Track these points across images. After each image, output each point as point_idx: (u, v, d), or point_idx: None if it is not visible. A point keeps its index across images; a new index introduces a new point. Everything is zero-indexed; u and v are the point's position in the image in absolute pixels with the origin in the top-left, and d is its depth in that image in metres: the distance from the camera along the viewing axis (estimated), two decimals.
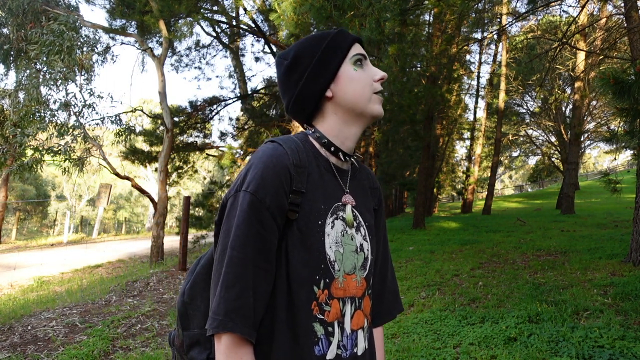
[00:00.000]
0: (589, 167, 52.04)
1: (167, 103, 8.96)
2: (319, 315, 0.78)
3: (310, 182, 0.82)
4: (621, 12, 7.10)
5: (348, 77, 0.87)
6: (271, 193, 0.76)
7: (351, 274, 0.83)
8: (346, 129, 0.89)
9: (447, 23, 9.62)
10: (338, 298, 0.80)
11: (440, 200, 39.53)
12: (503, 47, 17.33)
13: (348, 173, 0.91)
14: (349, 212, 0.86)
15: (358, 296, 0.84)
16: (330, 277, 0.79)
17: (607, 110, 19.79)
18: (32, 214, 32.76)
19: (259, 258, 0.75)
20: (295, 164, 0.80)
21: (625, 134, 4.60)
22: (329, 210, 0.82)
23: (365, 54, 0.91)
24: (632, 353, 2.60)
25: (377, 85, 0.89)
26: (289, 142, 0.84)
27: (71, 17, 7.45)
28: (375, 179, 1.03)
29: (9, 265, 8.22)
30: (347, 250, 0.83)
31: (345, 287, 0.82)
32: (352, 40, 0.90)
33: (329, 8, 5.89)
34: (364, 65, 0.89)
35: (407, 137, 14.24)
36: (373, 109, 0.88)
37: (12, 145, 7.54)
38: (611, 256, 5.49)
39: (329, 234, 0.81)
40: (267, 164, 0.78)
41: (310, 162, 0.85)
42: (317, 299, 0.78)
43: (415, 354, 2.95)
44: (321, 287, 0.79)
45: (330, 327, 0.79)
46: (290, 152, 0.81)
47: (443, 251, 7.13)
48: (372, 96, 0.88)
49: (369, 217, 0.92)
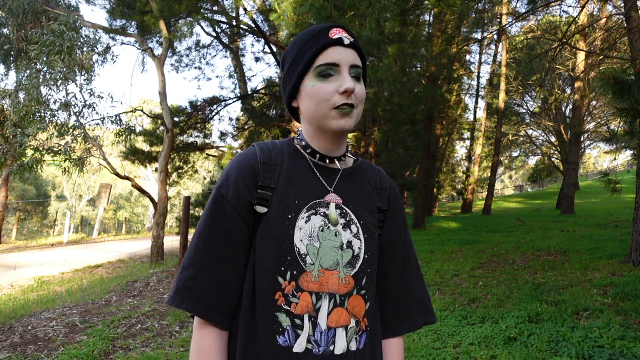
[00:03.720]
0: (589, 167, 52.04)
1: (167, 103, 8.96)
2: (285, 306, 0.79)
3: (282, 179, 0.86)
4: (621, 12, 7.10)
5: (305, 92, 0.85)
6: (233, 188, 0.83)
7: (332, 270, 0.82)
8: (316, 140, 0.89)
9: (447, 23, 9.63)
10: (310, 292, 0.80)
11: (440, 200, 39.52)
12: (503, 47, 17.34)
13: (338, 173, 0.91)
14: (332, 210, 0.85)
15: (340, 293, 0.82)
16: (298, 270, 0.80)
17: (607, 110, 19.80)
18: (32, 214, 32.76)
19: (222, 247, 0.81)
20: (262, 162, 0.86)
21: (625, 134, 4.60)
22: (304, 206, 0.83)
23: (336, 61, 0.83)
24: (632, 353, 2.60)
25: (337, 99, 0.82)
26: (266, 144, 0.91)
27: (71, 17, 7.45)
28: (386, 179, 1.00)
29: (9, 265, 8.22)
30: (326, 246, 0.83)
31: (322, 282, 0.81)
32: (322, 46, 0.83)
33: (329, 8, 5.89)
34: (332, 76, 0.83)
35: (407, 137, 14.25)
36: (331, 126, 0.84)
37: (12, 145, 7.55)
38: (611, 256, 5.49)
39: (301, 228, 0.82)
40: (233, 163, 0.87)
41: (285, 161, 0.88)
42: (282, 289, 0.79)
43: (415, 354, 2.95)
44: (287, 278, 0.79)
45: (298, 319, 0.79)
46: (260, 152, 0.87)
47: (443, 251, 7.14)
48: (331, 112, 0.83)
49: (366, 216, 0.90)
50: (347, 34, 0.85)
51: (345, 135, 0.91)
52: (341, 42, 0.84)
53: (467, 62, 18.92)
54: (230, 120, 31.86)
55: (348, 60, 0.84)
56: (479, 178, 24.05)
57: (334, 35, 0.84)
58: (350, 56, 0.84)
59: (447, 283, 4.99)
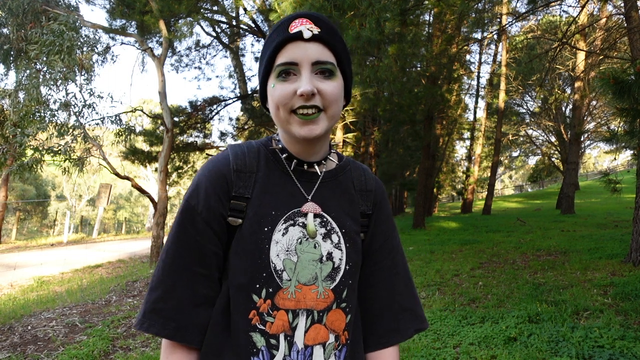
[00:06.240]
0: (589, 167, 52.05)
1: (167, 103, 8.96)
2: (260, 325, 0.74)
3: (258, 187, 0.78)
4: (621, 12, 7.10)
5: (268, 94, 0.78)
6: (204, 199, 0.76)
7: (310, 285, 0.77)
8: (290, 144, 0.82)
9: (447, 23, 9.63)
10: (287, 309, 0.75)
11: (440, 200, 39.55)
12: (503, 47, 17.34)
13: (318, 178, 0.83)
14: (310, 221, 0.79)
15: (318, 309, 0.77)
16: (274, 287, 0.75)
17: (607, 110, 19.80)
18: (32, 214, 32.76)
19: (194, 262, 0.75)
20: (236, 169, 0.78)
21: (625, 134, 4.60)
22: (281, 217, 0.77)
23: (294, 60, 0.73)
24: (632, 353, 2.60)
25: (296, 101, 0.73)
26: (240, 147, 0.82)
27: (71, 17, 7.45)
28: (372, 180, 0.93)
29: (9, 265, 8.23)
30: (304, 259, 0.77)
31: (299, 298, 0.76)
32: (279, 42, 0.74)
33: (329, 8, 5.89)
34: (293, 75, 0.74)
35: (407, 137, 14.26)
36: (294, 133, 0.75)
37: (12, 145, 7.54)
38: (611, 256, 5.49)
39: (278, 242, 0.76)
40: (204, 171, 0.79)
41: (262, 166, 0.81)
42: (257, 308, 0.75)
43: (415, 354, 2.94)
44: (262, 296, 0.75)
45: (273, 339, 0.75)
46: (233, 158, 0.79)
47: (443, 251, 7.14)
48: (291, 117, 0.75)
49: (349, 224, 0.83)
50: (312, 24, 0.74)
51: (323, 139, 0.82)
52: (301, 37, 0.73)
53: (467, 62, 18.92)
54: (230, 120, 31.91)
55: (309, 57, 0.73)
56: (479, 178, 24.05)
57: (293, 29, 0.73)
58: (312, 52, 0.73)
59: (447, 283, 4.99)
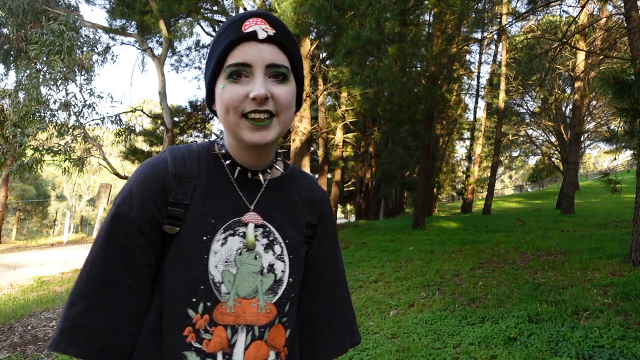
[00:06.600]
0: (589, 167, 52.07)
1: (167, 103, 8.96)
2: (195, 343, 0.68)
3: (198, 194, 0.73)
4: (621, 12, 7.10)
5: (217, 95, 0.73)
6: (137, 205, 0.70)
7: (250, 299, 0.72)
8: (236, 150, 0.77)
9: (447, 23, 9.62)
10: (225, 325, 0.70)
11: (440, 200, 39.58)
12: (503, 47, 17.34)
13: (261, 186, 0.80)
14: (249, 232, 0.75)
15: (259, 324, 0.73)
16: (213, 301, 0.70)
17: (607, 110, 19.82)
18: (32, 214, 32.77)
19: (123, 274, 0.68)
20: (175, 174, 0.73)
21: (625, 134, 4.60)
22: (221, 226, 0.73)
23: (247, 61, 0.69)
24: (632, 353, 2.60)
25: (247, 105, 0.69)
26: (179, 150, 0.78)
27: (71, 17, 7.45)
28: (318, 190, 0.89)
29: (9, 265, 8.23)
30: (244, 271, 0.73)
31: (238, 313, 0.71)
32: (231, 42, 0.70)
33: (329, 8, 5.89)
34: (245, 77, 0.70)
35: (407, 137, 14.26)
36: (244, 139, 0.71)
37: (12, 145, 7.55)
38: (611, 256, 5.49)
39: (217, 252, 0.71)
40: (139, 175, 0.73)
41: (203, 172, 0.76)
42: (193, 324, 0.69)
43: (415, 354, 2.94)
44: (199, 311, 0.69)
45: (210, 358, 0.69)
46: (172, 162, 0.74)
47: (443, 251, 7.14)
48: (241, 122, 0.70)
49: (292, 234, 0.80)
50: (267, 25, 0.71)
51: (272, 146, 0.78)
52: (255, 37, 0.69)
53: (467, 62, 18.93)
54: None
55: (263, 59, 0.70)
56: (479, 178, 24.06)
57: (247, 28, 0.70)
58: (266, 54, 0.70)
59: (447, 283, 4.99)
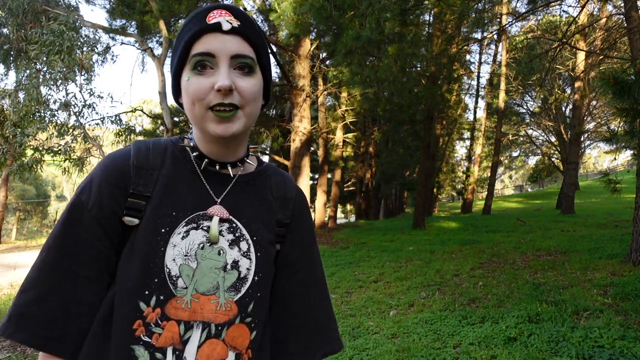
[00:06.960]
0: (589, 167, 52.08)
1: (167, 103, 8.97)
2: (145, 337, 0.67)
3: (160, 186, 0.73)
4: (621, 12, 7.10)
5: (182, 88, 0.73)
6: (96, 195, 0.70)
7: (209, 295, 0.71)
8: (204, 142, 0.77)
9: (447, 23, 9.62)
10: (178, 320, 0.68)
11: (440, 200, 39.59)
12: (503, 47, 17.34)
13: (230, 180, 0.78)
14: (214, 225, 0.73)
15: (216, 322, 0.70)
16: (167, 294, 0.68)
17: (607, 110, 19.82)
18: (32, 214, 32.78)
19: (77, 264, 0.67)
20: (137, 165, 0.73)
21: (625, 134, 4.60)
22: (183, 219, 0.72)
23: (211, 51, 0.69)
24: (632, 353, 2.60)
25: (212, 97, 0.69)
26: (144, 142, 0.78)
27: (71, 17, 7.46)
28: (293, 188, 0.88)
29: (9, 265, 8.23)
30: (204, 266, 0.71)
31: (195, 309, 0.69)
32: (196, 32, 0.70)
33: (329, 8, 5.89)
34: (209, 69, 0.70)
35: (407, 137, 14.27)
36: (209, 131, 0.71)
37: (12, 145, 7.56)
38: (611, 256, 5.49)
39: (176, 245, 0.70)
40: (100, 166, 0.73)
41: (167, 164, 0.76)
42: (144, 317, 0.67)
43: (415, 354, 2.94)
44: (151, 304, 0.67)
45: (159, 353, 0.67)
46: (135, 153, 0.74)
47: (443, 251, 7.14)
48: (207, 114, 0.70)
49: (261, 231, 0.78)
50: (231, 17, 0.71)
51: (240, 139, 0.77)
52: (219, 28, 0.70)
53: (467, 62, 18.92)
54: None
55: (228, 50, 0.70)
56: (479, 178, 24.07)
57: (212, 20, 0.70)
58: (231, 45, 0.70)
59: (447, 283, 4.99)
